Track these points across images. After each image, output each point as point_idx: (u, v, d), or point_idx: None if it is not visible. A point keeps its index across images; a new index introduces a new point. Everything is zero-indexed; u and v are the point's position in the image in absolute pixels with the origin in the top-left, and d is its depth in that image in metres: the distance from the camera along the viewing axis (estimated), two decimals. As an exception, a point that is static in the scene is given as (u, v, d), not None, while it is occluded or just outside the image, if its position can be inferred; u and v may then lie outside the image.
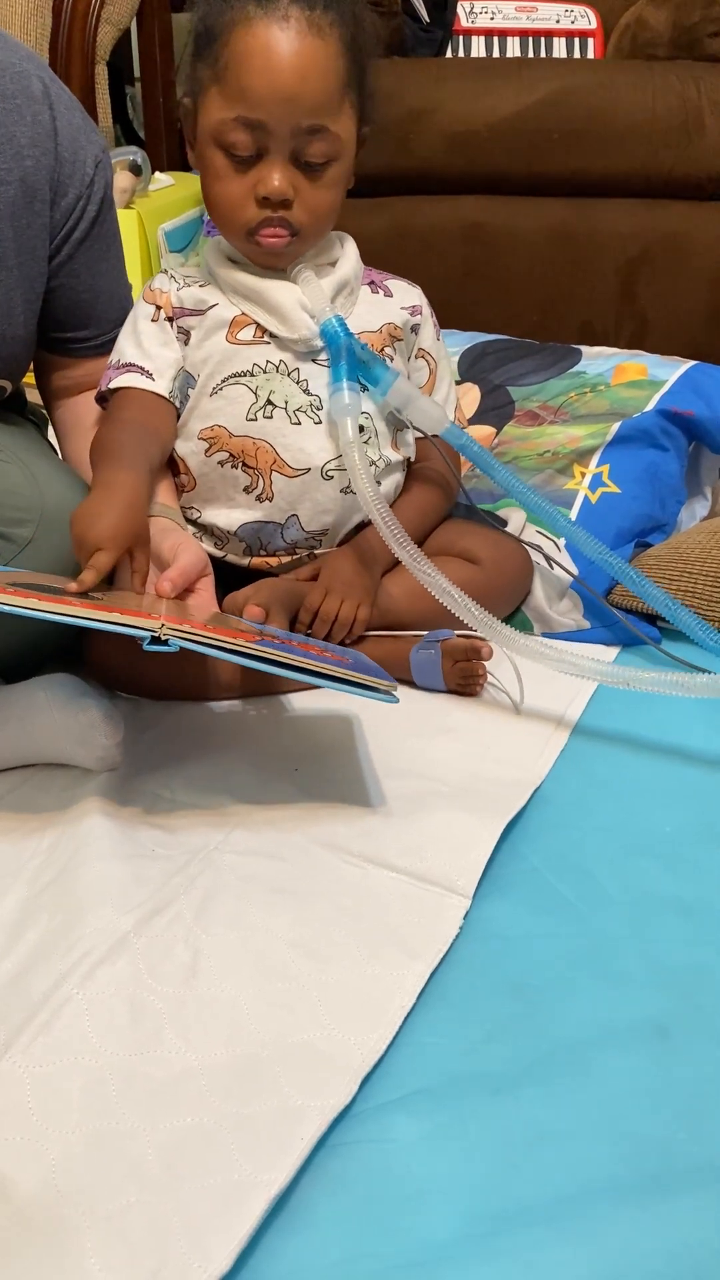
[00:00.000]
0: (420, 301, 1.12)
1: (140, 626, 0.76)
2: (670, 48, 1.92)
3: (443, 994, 0.72)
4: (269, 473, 1.05)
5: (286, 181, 0.97)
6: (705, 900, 0.80)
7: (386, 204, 1.86)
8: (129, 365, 1.06)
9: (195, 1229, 0.56)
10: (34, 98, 0.95)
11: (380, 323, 1.08)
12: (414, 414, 1.07)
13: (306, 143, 0.96)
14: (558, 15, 2.17)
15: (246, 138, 0.96)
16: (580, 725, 1.00)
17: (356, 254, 1.09)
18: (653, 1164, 0.61)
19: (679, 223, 1.86)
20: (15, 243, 0.96)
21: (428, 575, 0.97)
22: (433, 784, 0.91)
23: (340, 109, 0.97)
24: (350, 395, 1.01)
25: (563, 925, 0.78)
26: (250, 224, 0.99)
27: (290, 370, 1.04)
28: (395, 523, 0.98)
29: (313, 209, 0.99)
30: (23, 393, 1.14)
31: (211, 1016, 0.68)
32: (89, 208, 1.01)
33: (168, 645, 0.76)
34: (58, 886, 0.78)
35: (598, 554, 1.07)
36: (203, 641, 0.77)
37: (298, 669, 0.79)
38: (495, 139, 1.83)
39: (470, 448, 1.08)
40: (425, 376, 1.14)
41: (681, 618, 1.05)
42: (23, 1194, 0.58)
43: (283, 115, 0.94)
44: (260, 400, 1.04)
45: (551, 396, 1.42)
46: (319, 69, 0.94)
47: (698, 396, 1.34)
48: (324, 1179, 0.60)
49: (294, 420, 1.04)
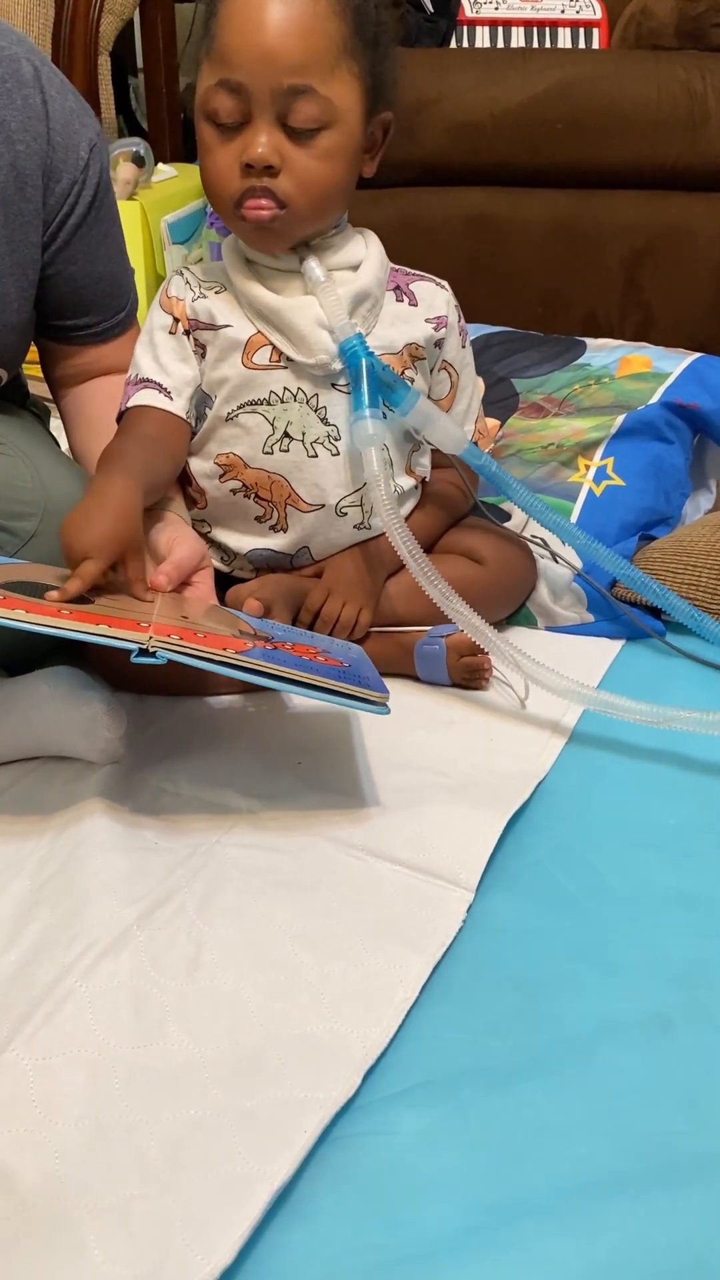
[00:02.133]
0: (446, 310, 1.06)
1: (127, 639, 0.76)
2: (676, 37, 1.92)
3: (446, 987, 0.72)
4: (284, 506, 1.03)
5: (271, 147, 0.91)
6: (708, 894, 0.80)
7: (390, 195, 1.86)
8: (146, 381, 1.02)
9: (198, 1221, 0.56)
10: (24, 81, 0.94)
11: (402, 343, 1.03)
12: (434, 434, 1.04)
13: (290, 105, 0.90)
14: (562, 5, 2.16)
15: (230, 103, 0.91)
16: (583, 719, 1.00)
17: (381, 256, 1.04)
18: (655, 1157, 0.61)
19: (684, 214, 1.85)
20: (7, 229, 0.95)
21: (460, 613, 0.95)
22: (436, 777, 0.91)
23: (333, 73, 0.91)
24: (374, 424, 0.97)
25: (566, 919, 0.78)
26: (235, 195, 0.94)
27: (309, 398, 1.01)
28: (425, 560, 0.95)
29: (302, 180, 0.93)
30: (24, 384, 1.14)
31: (214, 1009, 0.68)
32: (84, 193, 0.99)
33: (155, 657, 0.75)
34: (61, 879, 0.78)
35: (612, 565, 1.06)
36: (191, 653, 0.76)
37: (285, 680, 0.78)
38: (499, 130, 1.82)
39: (488, 468, 1.06)
40: (446, 389, 1.10)
41: (696, 619, 1.04)
42: (26, 1186, 0.58)
43: (262, 74, 0.89)
44: (277, 433, 1.01)
45: (556, 389, 1.42)
46: (301, 26, 0.90)
47: (702, 389, 1.33)
48: (327, 1171, 0.60)
49: (311, 453, 1.02)
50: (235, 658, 0.77)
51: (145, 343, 1.04)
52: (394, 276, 1.06)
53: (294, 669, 0.79)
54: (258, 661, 0.77)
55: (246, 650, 0.79)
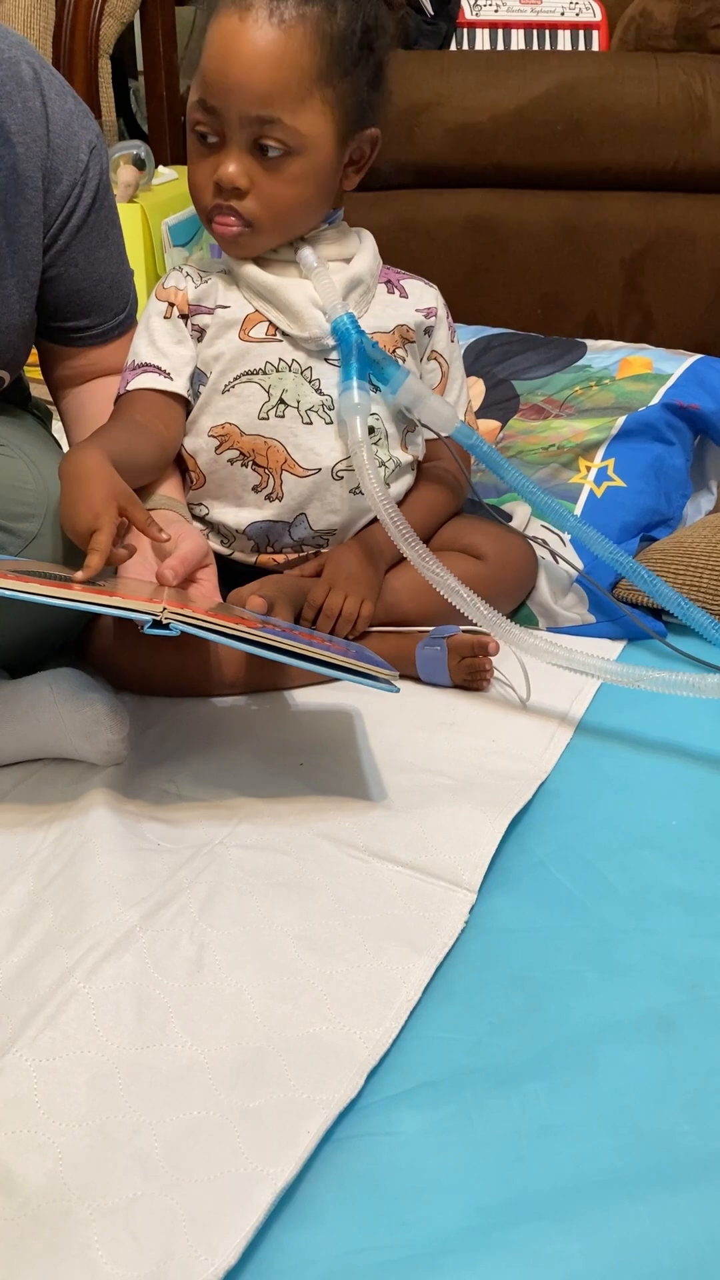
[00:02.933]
0: (436, 304, 1.12)
1: (142, 610, 0.76)
2: (675, 40, 1.92)
3: (448, 988, 0.72)
4: (279, 472, 1.05)
5: (240, 170, 0.97)
6: (710, 893, 0.80)
7: (391, 197, 1.86)
8: (144, 365, 1.05)
9: (201, 1222, 0.56)
10: (24, 84, 0.94)
11: (393, 324, 1.08)
12: (424, 413, 1.07)
13: (259, 132, 0.96)
14: (562, 7, 2.17)
15: (208, 122, 0.97)
16: (586, 720, 1.00)
17: (374, 251, 1.08)
18: (657, 1156, 0.61)
19: (684, 216, 1.85)
20: (8, 231, 0.96)
21: (435, 574, 0.97)
22: (438, 778, 0.91)
23: (302, 103, 0.95)
24: (360, 394, 1.01)
25: (568, 919, 0.78)
26: (207, 209, 1.01)
27: (303, 369, 1.04)
28: (403, 522, 0.98)
29: (268, 202, 0.98)
30: (26, 386, 1.14)
31: (217, 1010, 0.68)
32: (84, 194, 1.00)
33: (169, 629, 0.75)
34: (63, 880, 0.78)
35: (604, 550, 1.06)
36: (205, 626, 0.76)
37: (298, 655, 0.79)
38: (499, 132, 1.82)
39: (480, 447, 1.08)
40: (437, 379, 1.14)
41: (691, 614, 1.04)
42: (29, 1187, 0.58)
43: (229, 103, 0.95)
44: (273, 399, 1.04)
45: (556, 390, 1.42)
46: (269, 60, 0.94)
47: (703, 390, 1.33)
48: (330, 1172, 0.60)
49: (306, 420, 1.04)
50: (248, 632, 0.77)
51: (142, 330, 1.08)
52: (386, 273, 1.11)
53: (304, 646, 0.79)
54: (269, 636, 0.78)
55: (257, 628, 0.79)
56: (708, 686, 0.91)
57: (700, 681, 0.91)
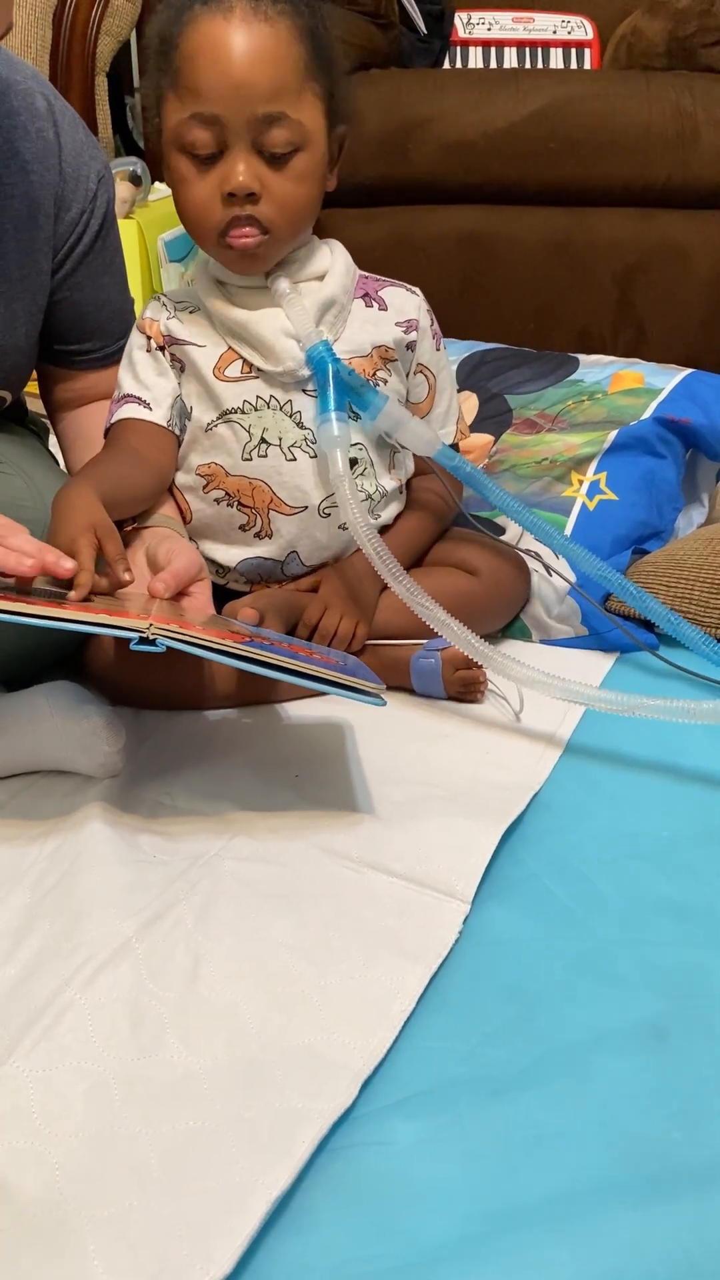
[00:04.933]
0: (417, 314, 1.08)
1: (128, 627, 0.76)
2: (666, 58, 1.94)
3: (442, 998, 0.72)
4: (266, 512, 1.05)
5: (251, 174, 0.94)
6: (701, 904, 0.81)
7: (384, 214, 1.87)
8: (127, 397, 1.05)
9: (197, 1231, 0.56)
10: (39, 115, 0.97)
11: (371, 345, 1.05)
12: (405, 438, 1.05)
13: (266, 132, 0.93)
14: (554, 26, 2.19)
15: (205, 135, 0.94)
16: (578, 732, 1.01)
17: (347, 263, 1.06)
18: (650, 1166, 0.62)
19: (675, 232, 1.87)
20: (19, 256, 0.98)
21: (424, 608, 0.96)
22: (432, 790, 0.91)
23: (300, 96, 0.94)
24: (339, 425, 0.99)
25: (561, 929, 0.79)
26: (219, 225, 0.97)
27: (282, 404, 1.03)
28: (390, 556, 0.97)
29: (282, 203, 0.96)
30: (23, 402, 1.15)
31: (212, 1021, 0.69)
32: (91, 222, 1.02)
33: (155, 645, 0.75)
34: (60, 892, 0.79)
35: (595, 569, 1.06)
36: (190, 641, 0.76)
37: (285, 670, 0.79)
38: (492, 149, 1.84)
39: (462, 469, 1.06)
40: (424, 392, 1.11)
41: (680, 630, 1.05)
42: (26, 1197, 0.58)
43: (237, 105, 0.92)
44: (254, 439, 1.03)
45: (549, 405, 1.43)
46: (269, 55, 0.92)
47: (694, 404, 1.34)
48: (324, 1181, 0.61)
49: (289, 456, 1.03)
50: (234, 647, 0.77)
51: (125, 363, 1.07)
52: (363, 284, 1.08)
53: (290, 660, 0.79)
54: (256, 651, 0.78)
55: (245, 642, 0.79)
56: (703, 712, 0.91)
57: (696, 708, 0.91)
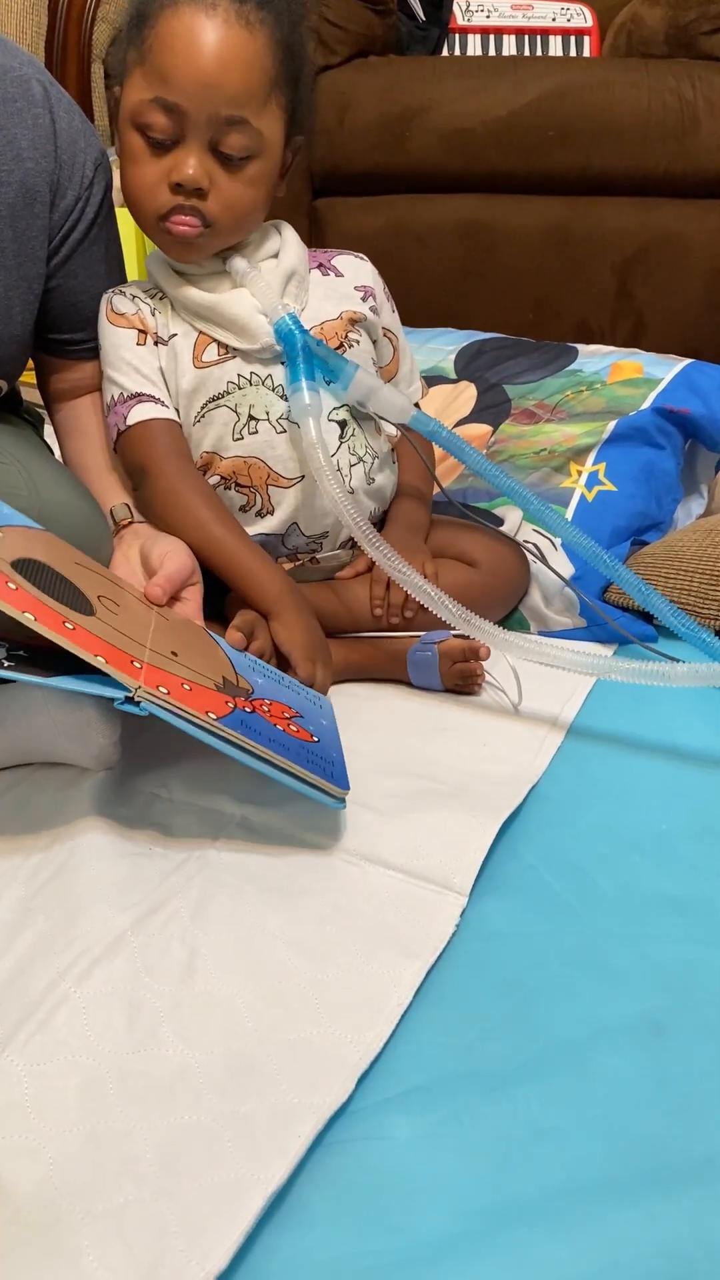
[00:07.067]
0: (371, 281, 1.10)
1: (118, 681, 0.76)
2: (666, 46, 1.93)
3: (439, 992, 0.72)
4: (265, 488, 1.05)
5: (202, 170, 0.95)
6: (700, 898, 0.81)
7: (382, 202, 1.86)
8: (139, 395, 1.04)
9: (192, 1226, 0.56)
10: (34, 101, 0.96)
11: (339, 309, 1.07)
12: (378, 405, 1.05)
13: (225, 134, 0.94)
14: (554, 13, 2.17)
15: (164, 120, 0.94)
16: (577, 724, 1.01)
17: (297, 240, 1.07)
18: (648, 1161, 0.62)
19: (675, 221, 1.86)
20: (14, 243, 0.97)
21: (401, 573, 0.96)
22: (430, 783, 0.91)
23: (265, 106, 0.95)
24: (310, 395, 1.00)
25: (558, 923, 0.78)
26: (161, 210, 0.97)
27: (263, 379, 1.03)
28: (367, 524, 0.97)
29: (228, 204, 0.97)
30: (18, 391, 1.14)
31: (208, 1015, 0.69)
32: (87, 209, 1.01)
33: (139, 708, 0.76)
34: (55, 885, 0.78)
35: (589, 550, 1.06)
36: (173, 710, 0.77)
37: (255, 756, 0.79)
38: (491, 137, 1.83)
39: (439, 434, 1.06)
40: (390, 354, 1.13)
41: (678, 620, 1.04)
42: (20, 1192, 0.58)
43: (202, 101, 0.92)
44: (242, 418, 1.04)
45: (548, 395, 1.42)
46: (242, 61, 0.92)
47: (693, 394, 1.34)
48: (320, 1176, 0.60)
49: (279, 429, 1.04)
50: (213, 724, 0.78)
51: (116, 363, 1.05)
52: (315, 256, 1.10)
53: (264, 744, 0.79)
54: (231, 732, 0.78)
55: (225, 716, 0.79)
56: (676, 675, 0.91)
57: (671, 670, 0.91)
